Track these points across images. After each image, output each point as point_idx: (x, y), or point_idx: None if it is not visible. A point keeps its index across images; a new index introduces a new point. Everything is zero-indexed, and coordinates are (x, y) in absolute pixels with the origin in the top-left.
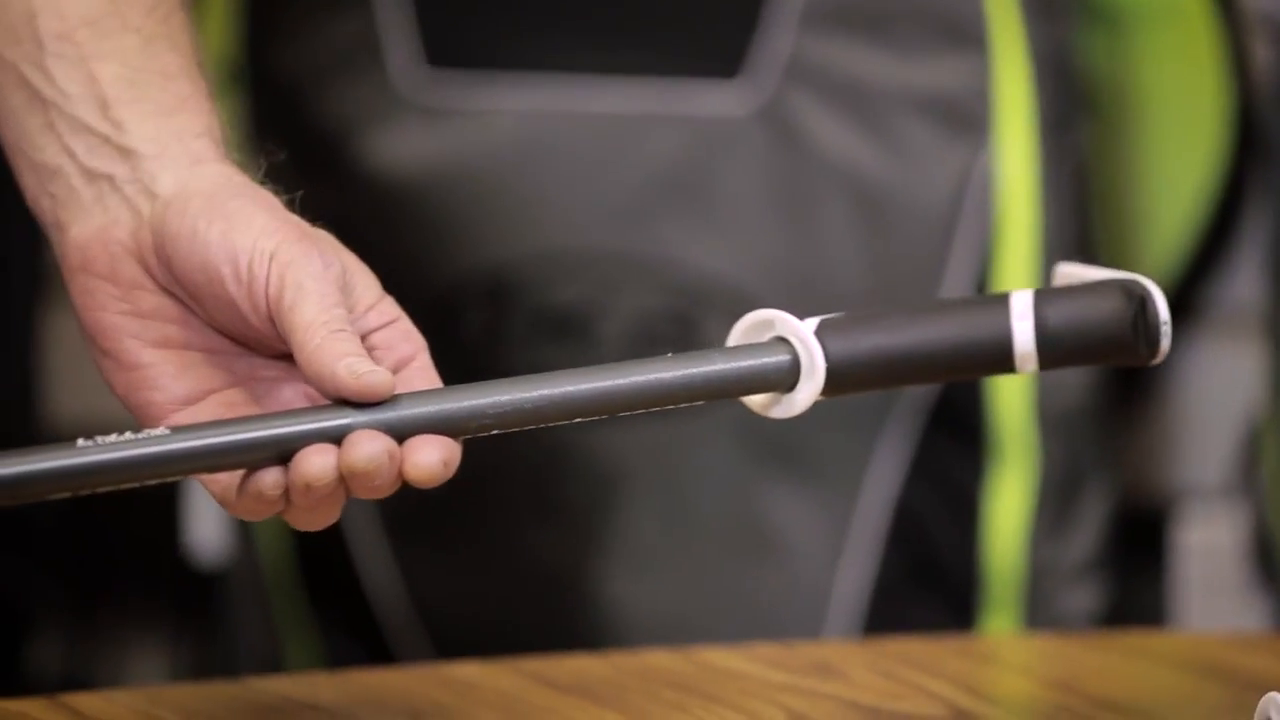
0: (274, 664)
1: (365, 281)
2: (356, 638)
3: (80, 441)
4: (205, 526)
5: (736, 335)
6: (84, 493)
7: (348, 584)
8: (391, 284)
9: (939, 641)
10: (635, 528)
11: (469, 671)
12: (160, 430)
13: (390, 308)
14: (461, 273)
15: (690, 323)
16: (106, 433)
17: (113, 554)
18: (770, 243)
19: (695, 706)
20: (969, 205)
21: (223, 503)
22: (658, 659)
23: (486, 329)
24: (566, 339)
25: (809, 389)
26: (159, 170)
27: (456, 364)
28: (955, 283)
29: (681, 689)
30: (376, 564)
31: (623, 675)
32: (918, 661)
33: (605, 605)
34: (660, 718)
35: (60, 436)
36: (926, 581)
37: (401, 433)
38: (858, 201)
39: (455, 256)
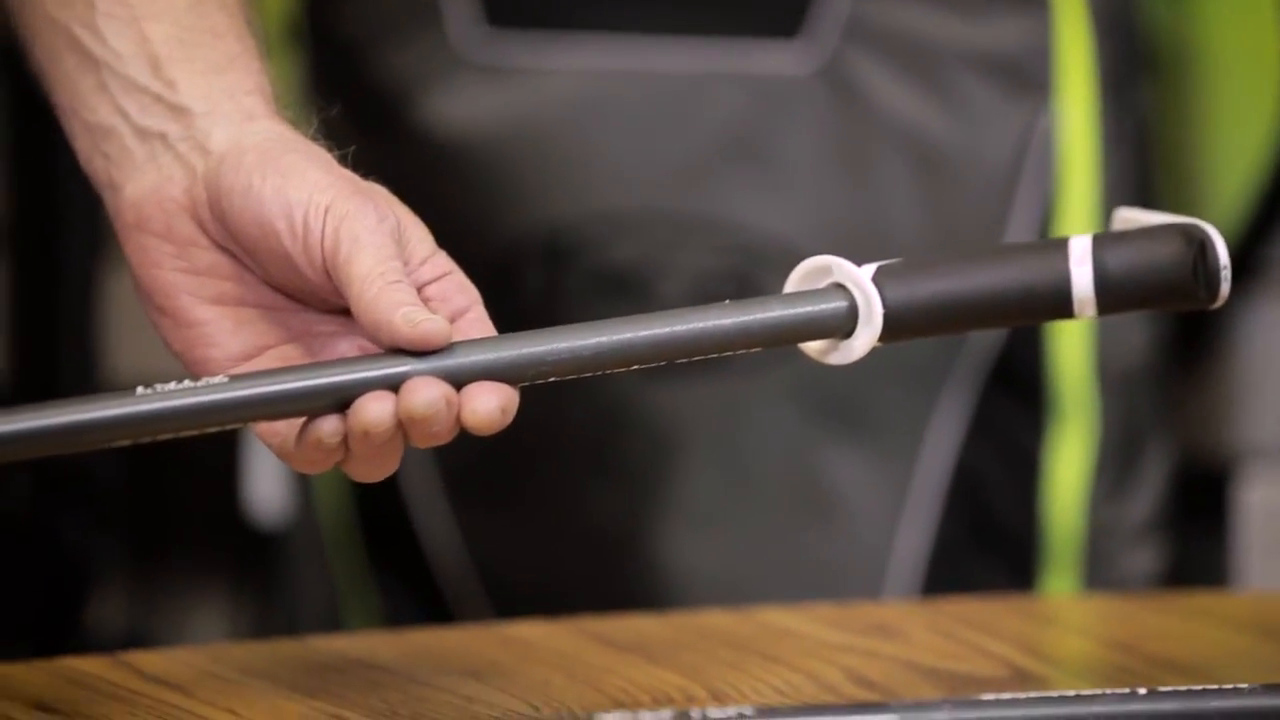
0: (333, 623)
1: (419, 235)
2: (415, 597)
3: (140, 389)
4: (264, 486)
5: (793, 282)
6: (144, 440)
7: (407, 543)
8: (449, 244)
9: (999, 602)
10: (694, 488)
11: (527, 631)
12: (219, 378)
13: (444, 261)
14: (519, 233)
15: (749, 282)
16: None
17: (173, 513)
18: (830, 203)
19: (753, 666)
20: (1030, 165)
21: (281, 454)
22: (716, 619)
23: (544, 289)
24: (624, 299)
25: (866, 335)
26: (211, 127)
27: (514, 324)
28: (1015, 241)
29: (739, 649)
30: (436, 523)
31: (681, 635)
32: (977, 622)
33: (664, 565)
34: (718, 677)
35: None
36: (986, 542)
37: (459, 380)
38: (918, 161)
39: (513, 216)
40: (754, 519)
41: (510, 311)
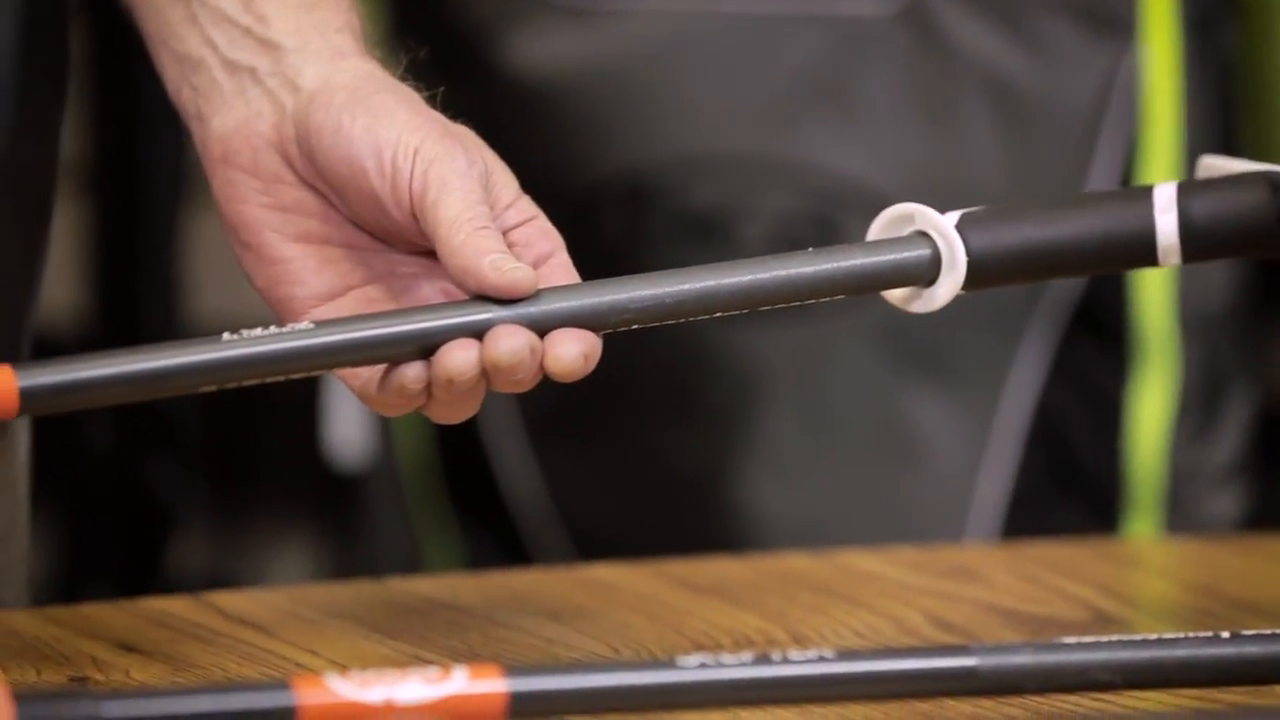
0: (413, 565)
1: (504, 179)
2: (496, 539)
3: (226, 335)
4: (345, 428)
5: (876, 229)
6: (229, 386)
7: (487, 485)
8: (531, 186)
9: (1080, 545)
10: (775, 431)
11: (608, 573)
12: (304, 324)
13: (528, 206)
14: (601, 175)
15: (830, 225)
16: (250, 328)
17: (255, 455)
18: (910, 146)
19: (834, 609)
20: (1113, 108)
21: (363, 398)
22: (797, 562)
23: (625, 232)
24: (705, 242)
25: (950, 283)
26: (302, 64)
27: (595, 266)
28: (1098, 186)
29: (820, 591)
30: (517, 466)
31: (762, 578)
32: (1058, 565)
33: (744, 508)
34: (799, 620)
35: (203, 333)
36: (1068, 485)
37: (543, 326)
38: (1000, 104)
39: (595, 159)
40: (835, 462)
41: (591, 254)
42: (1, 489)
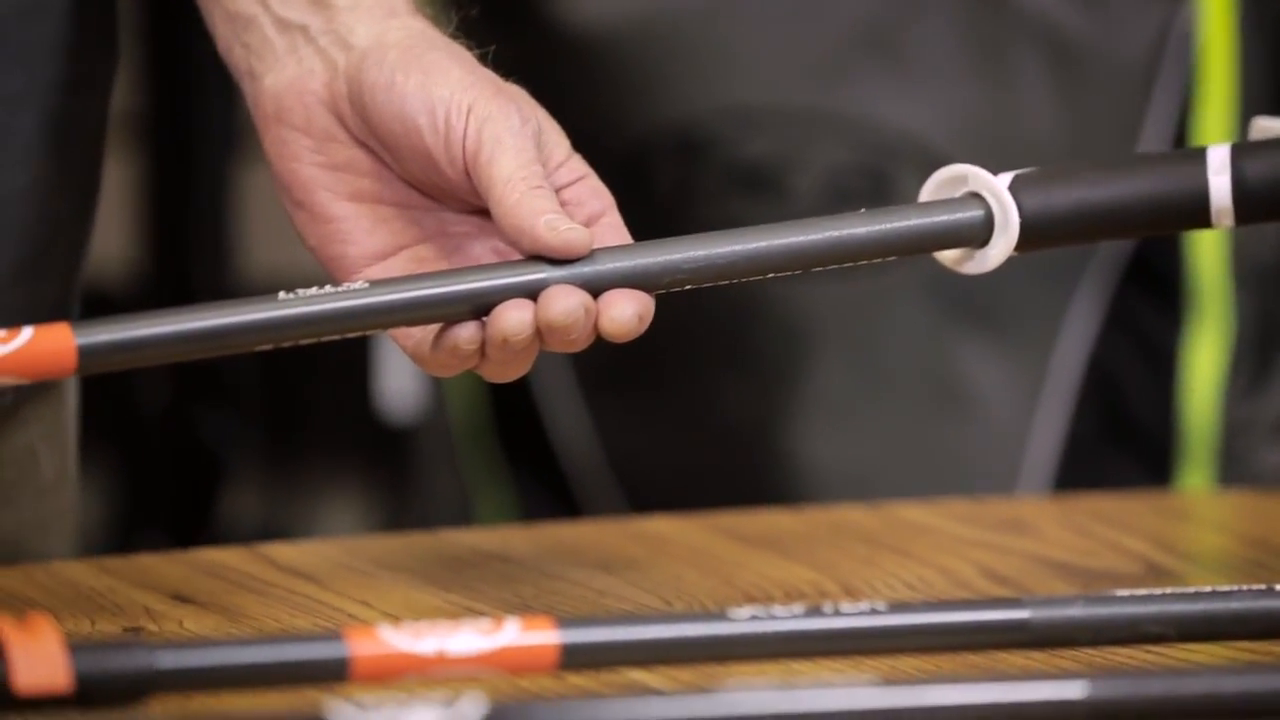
0: (464, 517)
1: (556, 138)
2: (547, 491)
3: (282, 294)
4: (396, 381)
5: (929, 190)
6: (285, 344)
7: (539, 437)
8: (582, 140)
9: (1133, 498)
10: (827, 382)
11: (660, 525)
12: (359, 284)
13: (579, 164)
14: (653, 127)
15: (882, 178)
16: (301, 282)
17: (308, 408)
18: (964, 99)
19: (886, 561)
20: (1168, 61)
21: (416, 358)
22: (849, 514)
23: (677, 183)
24: (757, 194)
25: (1002, 244)
26: (354, 22)
27: (647, 218)
28: (1152, 140)
29: (872, 543)
30: (569, 418)
31: (814, 530)
32: (1112, 518)
33: (796, 460)
34: (851, 572)
35: (254, 288)
36: (1121, 437)
37: (597, 287)
38: (1054, 57)
39: (646, 112)
40: (888, 414)
41: (642, 206)
42: (51, 440)
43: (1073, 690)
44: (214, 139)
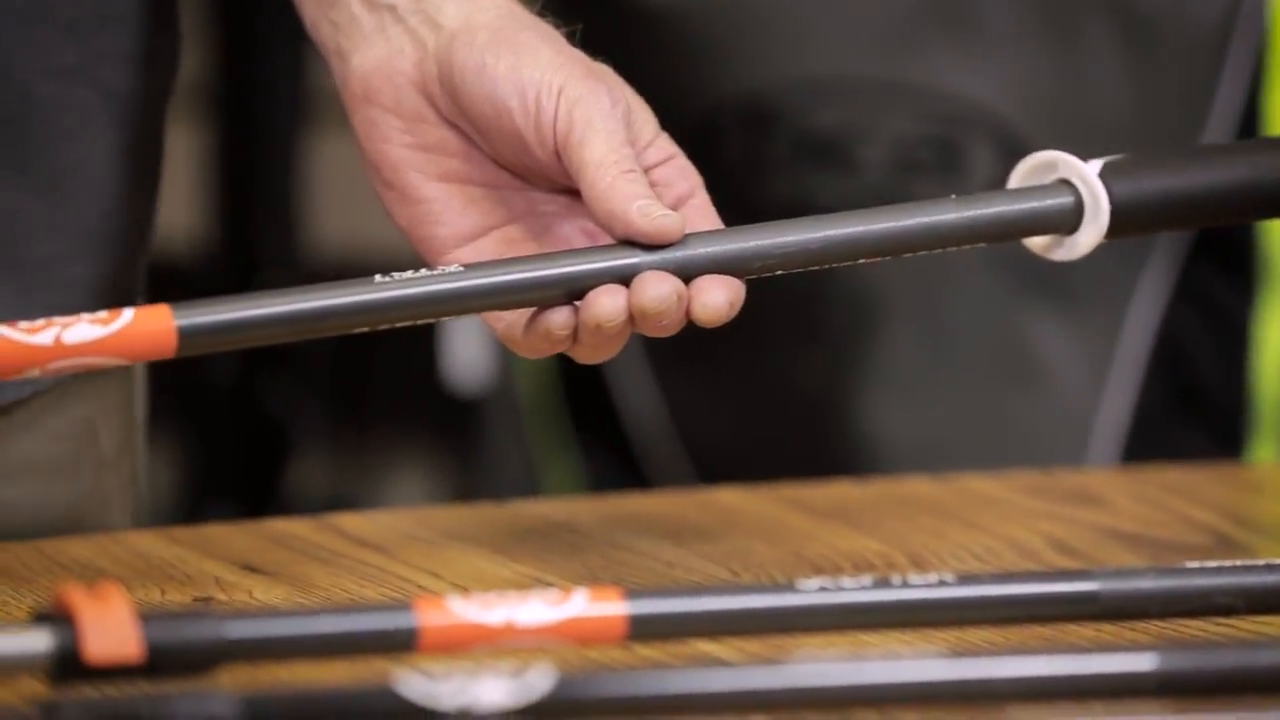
0: (531, 488)
1: (645, 117)
2: (615, 462)
3: (378, 277)
4: (465, 352)
5: (1018, 177)
6: (381, 327)
7: (608, 408)
8: (653, 108)
9: (1203, 470)
10: (896, 354)
11: (729, 496)
12: (454, 268)
13: (667, 144)
14: (723, 97)
15: (951, 148)
16: (369, 253)
17: (375, 378)
18: (1033, 68)
19: (954, 533)
20: (1239, 32)
21: (507, 341)
22: (917, 486)
23: (746, 155)
24: (827, 164)
25: (1092, 231)
26: (443, 2)
27: (717, 188)
28: (1224, 110)
29: (940, 515)
30: (637, 389)
31: (882, 501)
32: (1181, 489)
33: (865, 431)
34: (919, 544)
35: (321, 259)
36: (1191, 409)
37: (688, 273)
38: (1125, 26)
39: (715, 82)
40: (957, 386)
41: (713, 176)
42: (112, 415)
43: (1142, 663)
44: (282, 109)
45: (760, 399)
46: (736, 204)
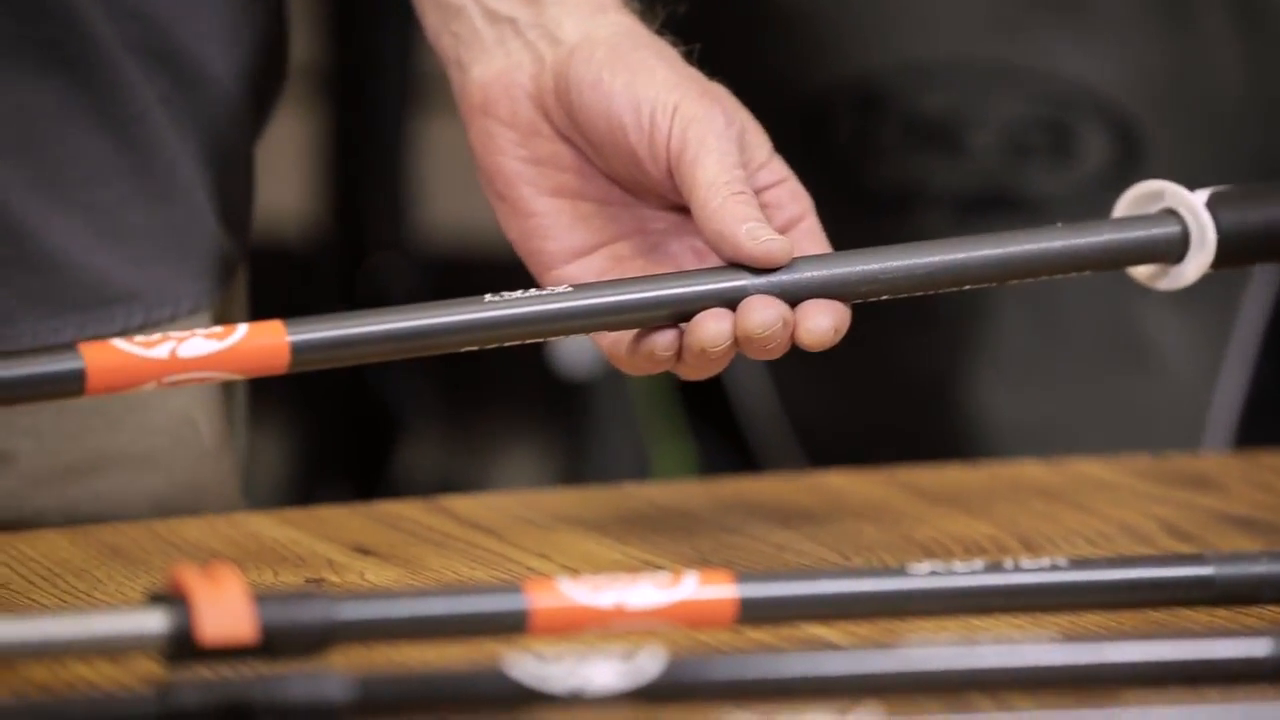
0: (640, 472)
1: (758, 139)
2: (726, 446)
3: (488, 297)
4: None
5: (1124, 206)
6: (490, 346)
7: (718, 393)
8: (765, 92)
9: None
10: (1009, 338)
11: (839, 479)
12: (563, 288)
13: (779, 166)
14: (834, 81)
15: (1062, 131)
16: (478, 237)
17: (486, 363)
18: (1146, 52)
19: (1066, 517)
20: None
21: (612, 358)
22: (1029, 469)
23: (857, 137)
24: (938, 148)
25: (1199, 261)
26: (563, 16)
27: (826, 171)
28: None
29: (1052, 499)
30: (749, 373)
31: (993, 485)
32: None
33: (977, 415)
34: (1030, 528)
35: (430, 242)
36: None
37: (794, 297)
38: (1240, 11)
39: (828, 64)
40: (1070, 370)
41: (821, 158)
42: (211, 407)
43: (1258, 648)
44: (392, 93)
45: (871, 383)
46: (847, 187)
